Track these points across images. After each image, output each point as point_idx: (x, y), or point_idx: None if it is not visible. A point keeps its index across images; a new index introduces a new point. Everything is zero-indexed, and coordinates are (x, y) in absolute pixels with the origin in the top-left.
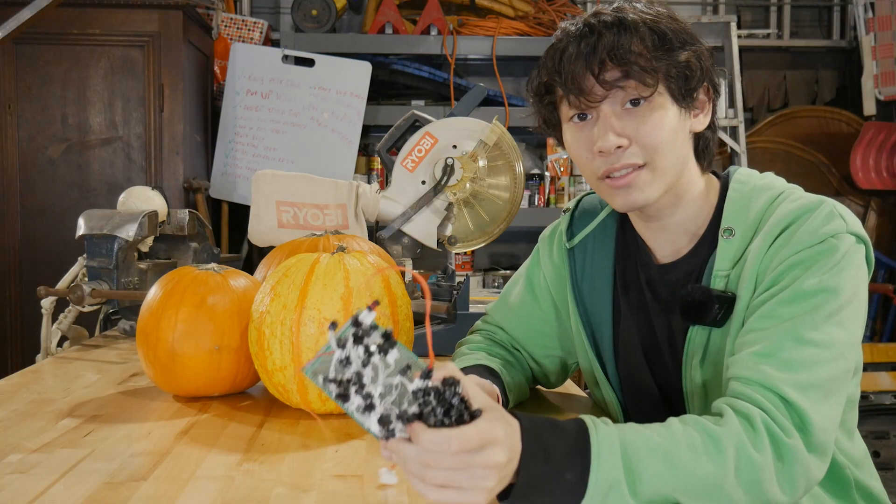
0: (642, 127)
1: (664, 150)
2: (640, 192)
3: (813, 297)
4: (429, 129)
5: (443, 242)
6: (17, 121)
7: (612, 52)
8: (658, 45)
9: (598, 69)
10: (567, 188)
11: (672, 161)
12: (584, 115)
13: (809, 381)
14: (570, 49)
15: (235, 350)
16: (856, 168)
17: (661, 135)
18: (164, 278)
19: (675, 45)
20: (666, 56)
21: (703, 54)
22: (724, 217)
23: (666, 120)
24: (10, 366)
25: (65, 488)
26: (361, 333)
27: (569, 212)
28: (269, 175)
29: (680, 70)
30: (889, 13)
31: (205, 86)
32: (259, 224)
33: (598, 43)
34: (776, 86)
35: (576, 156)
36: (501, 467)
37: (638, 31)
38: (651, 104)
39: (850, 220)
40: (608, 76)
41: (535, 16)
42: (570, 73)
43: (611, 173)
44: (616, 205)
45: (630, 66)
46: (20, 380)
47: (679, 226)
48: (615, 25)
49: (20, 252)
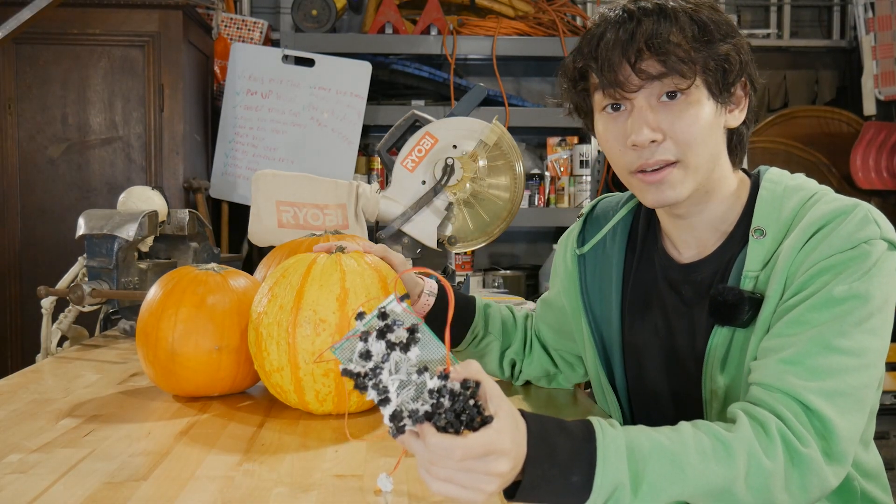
0: (678, 122)
1: (698, 146)
2: (672, 190)
3: (842, 304)
4: (429, 129)
5: (443, 242)
6: (17, 121)
7: (651, 40)
8: (698, 35)
9: (634, 58)
10: (567, 188)
11: (705, 158)
12: (617, 106)
13: (836, 388)
14: (607, 35)
15: (235, 350)
16: (856, 168)
17: (695, 131)
18: (163, 278)
19: (717, 36)
20: (705, 48)
21: (744, 47)
22: (756, 217)
23: (702, 115)
24: (10, 366)
25: (65, 488)
26: (384, 327)
27: (582, 216)
28: (270, 175)
29: (719, 63)
30: (889, 13)
31: (205, 86)
32: (259, 224)
33: (637, 30)
34: (776, 86)
35: (608, 148)
36: (503, 475)
37: (678, 21)
38: (688, 98)
39: (885, 225)
40: (645, 66)
41: (535, 16)
42: (606, 61)
43: (644, 168)
44: (647, 201)
45: (668, 57)
46: (20, 380)
47: (707, 224)
48: (655, 13)
49: (20, 252)
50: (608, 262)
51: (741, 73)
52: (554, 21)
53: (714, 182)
